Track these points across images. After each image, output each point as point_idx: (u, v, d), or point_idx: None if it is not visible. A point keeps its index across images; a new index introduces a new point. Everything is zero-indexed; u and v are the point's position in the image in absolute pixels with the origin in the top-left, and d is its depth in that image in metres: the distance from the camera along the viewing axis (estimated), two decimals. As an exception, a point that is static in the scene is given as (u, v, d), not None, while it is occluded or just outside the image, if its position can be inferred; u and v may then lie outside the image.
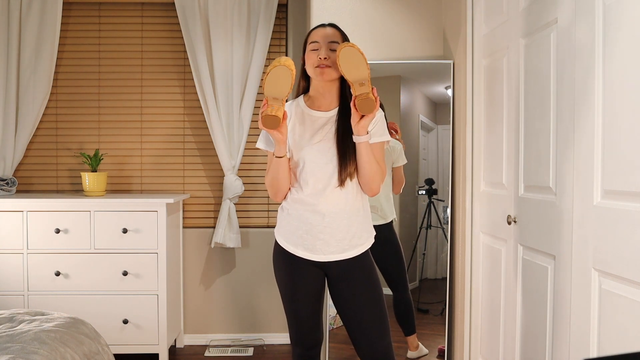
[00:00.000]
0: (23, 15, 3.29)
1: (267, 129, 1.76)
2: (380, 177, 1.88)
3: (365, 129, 1.79)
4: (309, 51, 1.88)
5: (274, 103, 1.76)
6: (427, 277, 2.90)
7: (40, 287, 3.00)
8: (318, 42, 1.86)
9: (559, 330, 1.81)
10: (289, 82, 1.76)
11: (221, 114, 3.34)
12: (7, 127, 3.31)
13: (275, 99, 1.76)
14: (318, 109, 1.92)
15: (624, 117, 1.47)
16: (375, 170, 1.85)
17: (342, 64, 1.75)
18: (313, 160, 1.86)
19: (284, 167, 1.85)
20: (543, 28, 1.93)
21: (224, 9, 3.33)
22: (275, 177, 1.87)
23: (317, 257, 1.89)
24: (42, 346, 1.78)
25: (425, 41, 2.96)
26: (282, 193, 1.91)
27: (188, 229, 3.51)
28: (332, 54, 1.84)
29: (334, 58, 1.83)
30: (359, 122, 1.78)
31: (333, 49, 1.85)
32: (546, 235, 1.90)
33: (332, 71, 1.85)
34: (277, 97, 1.75)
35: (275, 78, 1.75)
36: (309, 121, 1.91)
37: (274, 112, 1.74)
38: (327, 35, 1.87)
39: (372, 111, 1.74)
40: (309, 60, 1.88)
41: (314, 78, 1.90)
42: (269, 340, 3.53)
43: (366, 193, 1.92)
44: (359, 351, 1.94)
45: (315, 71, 1.86)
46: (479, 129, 2.55)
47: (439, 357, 2.81)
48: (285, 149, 1.83)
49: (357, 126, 1.79)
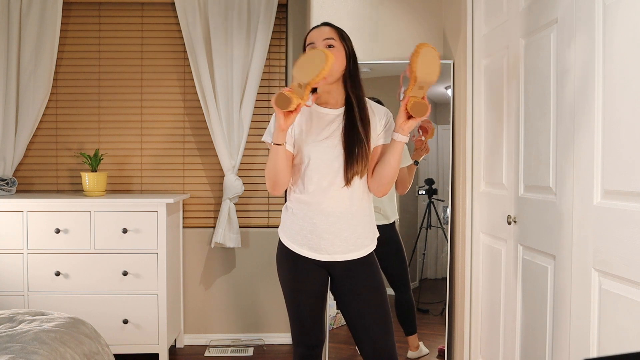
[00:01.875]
0: (23, 15, 3.29)
1: (275, 107, 1.68)
2: (394, 178, 1.88)
3: (409, 130, 1.78)
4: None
5: (296, 88, 1.68)
6: (427, 277, 2.90)
7: (40, 287, 3.00)
8: (314, 43, 1.86)
9: (559, 330, 1.81)
10: (319, 67, 1.65)
11: (221, 114, 3.34)
12: (7, 127, 3.31)
13: (299, 85, 1.67)
14: (325, 106, 1.91)
15: (624, 117, 1.47)
16: (395, 173, 1.85)
17: (420, 61, 1.69)
18: (319, 157, 1.84)
19: (282, 157, 1.82)
20: (543, 28, 1.94)
21: (224, 9, 3.33)
22: (272, 168, 1.83)
23: (321, 256, 1.88)
24: (42, 346, 1.78)
25: (425, 41, 2.95)
26: (279, 186, 1.87)
27: (188, 229, 3.51)
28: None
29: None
30: (406, 122, 1.76)
31: (330, 45, 1.84)
32: (546, 235, 1.90)
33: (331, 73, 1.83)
34: (302, 81, 1.67)
35: (307, 61, 1.66)
36: (316, 118, 1.89)
37: (291, 95, 1.66)
38: (322, 33, 1.86)
39: (423, 115, 1.71)
40: None
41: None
42: (269, 340, 3.53)
43: (375, 194, 1.91)
44: (363, 351, 1.93)
45: None
46: (479, 129, 2.55)
47: (439, 357, 2.81)
48: (284, 138, 1.79)
49: (403, 125, 1.76)
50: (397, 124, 1.78)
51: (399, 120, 1.77)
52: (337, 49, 1.85)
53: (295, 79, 1.68)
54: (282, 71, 3.54)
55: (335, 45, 1.85)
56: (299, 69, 1.67)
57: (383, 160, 1.85)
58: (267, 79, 3.52)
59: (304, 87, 1.68)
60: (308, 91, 1.69)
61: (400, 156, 1.83)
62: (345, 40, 1.89)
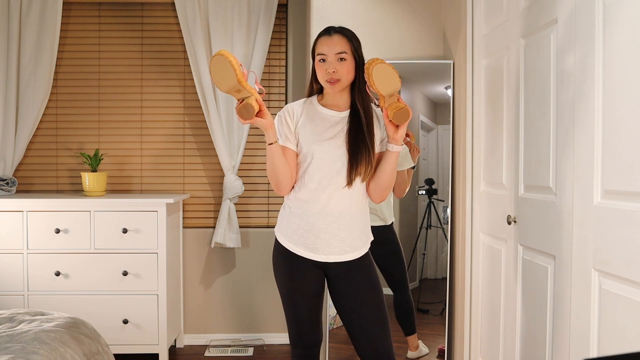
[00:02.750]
0: (23, 15, 3.29)
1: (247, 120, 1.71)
2: (392, 185, 1.91)
3: (402, 139, 1.81)
4: (317, 62, 1.88)
5: (234, 94, 1.71)
6: (427, 277, 2.90)
7: (40, 287, 3.00)
8: (325, 55, 1.85)
9: (559, 330, 1.81)
10: (231, 74, 1.68)
11: (221, 114, 3.34)
12: (7, 127, 3.31)
13: (237, 91, 1.71)
14: (331, 109, 1.92)
15: (624, 117, 1.47)
16: (392, 180, 1.88)
17: (376, 81, 1.75)
18: (321, 156, 1.85)
19: (279, 155, 1.82)
20: (543, 28, 1.93)
21: (224, 9, 3.33)
22: (271, 167, 1.84)
23: (317, 256, 1.88)
24: (42, 346, 1.78)
25: (425, 41, 2.96)
26: (283, 185, 1.87)
27: (188, 229, 3.51)
28: (340, 65, 1.83)
29: (342, 69, 1.83)
30: (396, 132, 1.80)
31: (342, 59, 1.84)
32: (546, 235, 1.90)
33: (342, 83, 1.85)
34: (231, 88, 1.70)
35: (218, 70, 1.70)
36: (319, 118, 1.90)
37: (246, 103, 1.70)
38: (334, 46, 1.84)
39: (407, 119, 1.76)
40: (318, 72, 1.88)
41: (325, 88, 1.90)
42: (269, 340, 3.53)
43: (373, 200, 1.94)
44: (360, 352, 1.93)
45: (326, 84, 1.86)
46: (479, 129, 2.55)
47: (439, 357, 2.81)
48: (274, 135, 1.81)
49: (394, 136, 1.80)
50: (389, 136, 1.82)
51: (388, 132, 1.82)
52: (347, 62, 1.85)
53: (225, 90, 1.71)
54: (282, 71, 3.54)
55: (347, 59, 1.85)
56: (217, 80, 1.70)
57: (380, 168, 1.88)
58: (267, 79, 3.52)
59: (241, 88, 1.70)
60: (246, 86, 1.71)
61: (396, 164, 1.87)
62: (357, 51, 1.88)
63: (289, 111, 1.93)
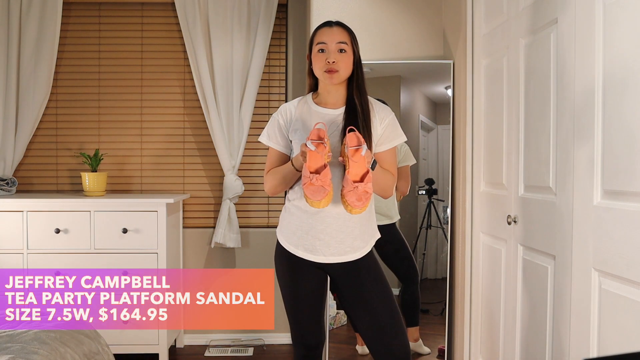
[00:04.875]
0: (23, 15, 3.29)
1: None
2: (392, 183, 1.88)
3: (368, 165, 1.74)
4: (315, 52, 1.84)
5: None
6: (427, 277, 2.90)
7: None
8: (326, 44, 1.82)
9: (559, 330, 1.81)
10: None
11: (221, 114, 3.34)
12: (7, 127, 3.31)
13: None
14: (325, 106, 1.90)
15: (624, 117, 1.47)
16: (387, 181, 1.86)
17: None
18: None
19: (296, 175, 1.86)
20: (543, 28, 1.93)
21: (224, 9, 3.33)
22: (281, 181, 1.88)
23: (316, 258, 1.87)
24: (42, 346, 1.78)
25: (425, 41, 2.96)
26: (279, 192, 1.94)
27: (188, 229, 3.51)
28: (340, 57, 1.81)
29: (342, 61, 1.81)
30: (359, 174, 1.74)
31: (342, 50, 1.81)
32: (546, 235, 1.90)
33: (341, 74, 1.82)
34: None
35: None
36: (314, 117, 1.88)
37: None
38: (335, 36, 1.82)
39: (365, 169, 1.71)
40: (316, 63, 1.84)
41: (322, 81, 1.87)
42: (269, 340, 3.53)
43: (380, 196, 1.93)
44: (375, 353, 1.89)
45: (324, 75, 1.83)
46: (479, 129, 2.55)
47: (439, 357, 2.81)
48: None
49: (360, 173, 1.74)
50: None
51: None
52: (347, 54, 1.83)
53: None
54: (282, 71, 3.54)
55: (347, 51, 1.83)
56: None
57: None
58: (267, 79, 3.52)
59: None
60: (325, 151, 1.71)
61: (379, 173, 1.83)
62: (355, 45, 1.87)
63: (282, 113, 1.93)
